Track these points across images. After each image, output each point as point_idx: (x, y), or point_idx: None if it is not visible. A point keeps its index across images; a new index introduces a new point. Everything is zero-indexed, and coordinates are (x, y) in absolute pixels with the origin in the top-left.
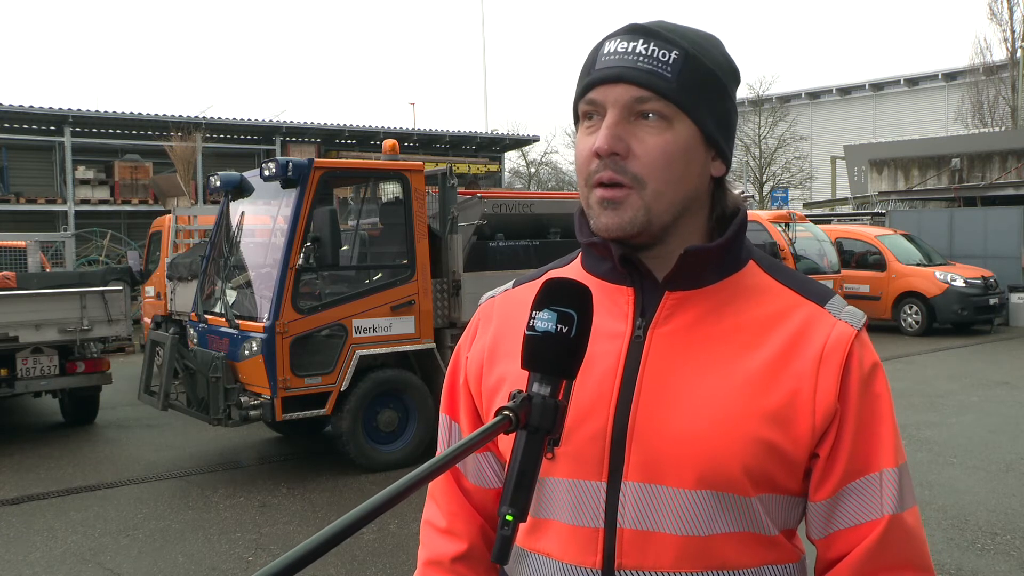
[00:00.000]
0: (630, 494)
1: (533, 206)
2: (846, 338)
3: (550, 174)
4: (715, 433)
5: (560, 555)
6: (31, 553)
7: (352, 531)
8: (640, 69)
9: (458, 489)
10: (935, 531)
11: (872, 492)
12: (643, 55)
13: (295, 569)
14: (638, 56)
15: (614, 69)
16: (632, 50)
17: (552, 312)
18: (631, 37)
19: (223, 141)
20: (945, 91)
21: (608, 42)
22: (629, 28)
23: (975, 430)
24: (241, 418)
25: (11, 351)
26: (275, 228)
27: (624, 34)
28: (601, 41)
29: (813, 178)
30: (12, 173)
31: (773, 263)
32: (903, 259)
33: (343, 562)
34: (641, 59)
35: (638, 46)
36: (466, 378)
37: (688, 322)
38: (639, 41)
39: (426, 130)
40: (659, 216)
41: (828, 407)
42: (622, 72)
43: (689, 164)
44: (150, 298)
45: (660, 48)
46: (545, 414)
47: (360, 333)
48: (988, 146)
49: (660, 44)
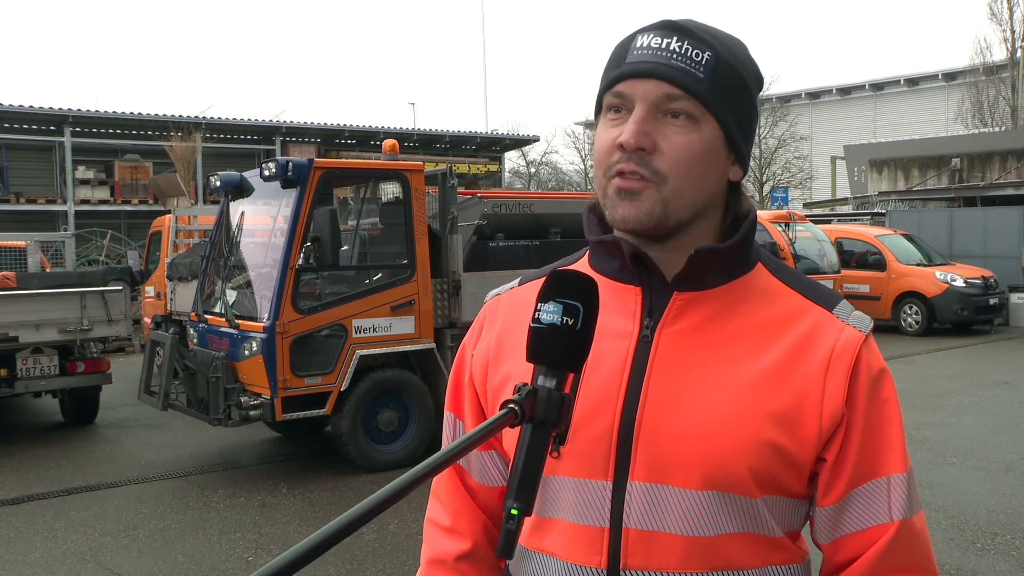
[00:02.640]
0: (636, 494)
1: (533, 206)
2: (854, 343)
3: (550, 174)
4: (721, 434)
5: (565, 555)
6: (31, 553)
7: (358, 526)
8: (673, 67)
9: (462, 487)
10: (935, 531)
11: (880, 497)
12: (677, 53)
13: (298, 566)
14: (672, 53)
15: (647, 64)
16: (666, 47)
17: (558, 304)
18: (666, 33)
19: (223, 141)
20: (945, 91)
21: (641, 36)
22: (664, 24)
23: (975, 430)
24: (241, 418)
25: (11, 351)
26: (275, 228)
27: (658, 30)
28: (633, 34)
29: (813, 178)
30: (12, 173)
31: (781, 266)
32: (903, 259)
33: (343, 562)
34: (675, 57)
35: (672, 43)
36: (471, 376)
37: (696, 323)
38: (673, 38)
39: (426, 130)
40: (676, 212)
41: (835, 411)
42: (654, 68)
43: (711, 166)
44: (150, 298)
45: (694, 47)
46: (551, 407)
47: (360, 333)
48: (988, 146)
49: (694, 43)
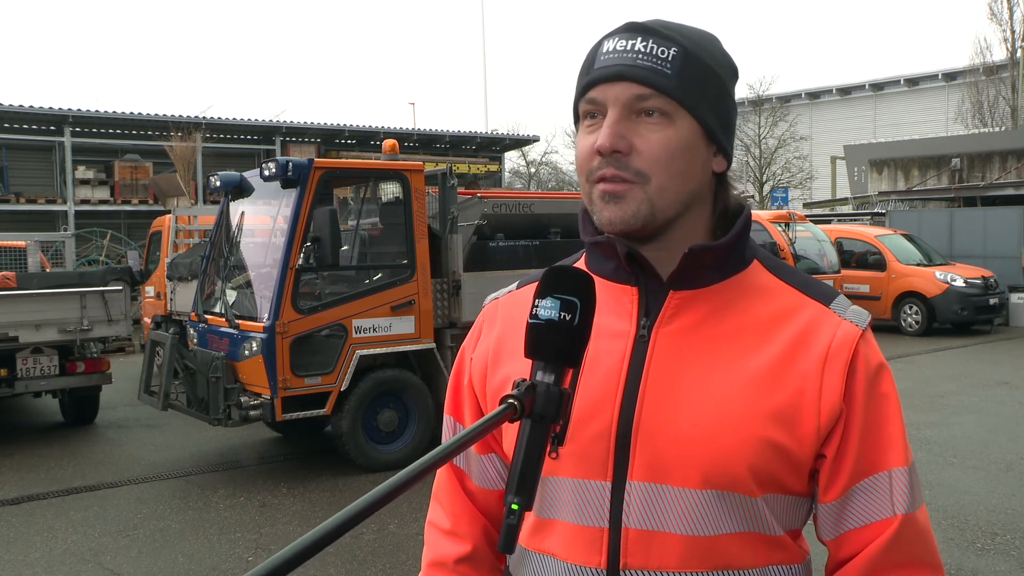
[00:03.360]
0: (635, 494)
1: (533, 206)
2: (851, 338)
3: (550, 174)
4: (720, 433)
5: (565, 555)
6: (31, 553)
7: (358, 521)
8: (640, 67)
9: (462, 491)
10: (935, 531)
11: (882, 491)
12: (642, 52)
13: (297, 563)
14: (637, 54)
15: (614, 67)
16: (631, 48)
17: (555, 300)
18: (630, 35)
19: (223, 141)
20: (945, 91)
21: (607, 41)
22: (627, 26)
23: (975, 430)
24: (241, 418)
25: (11, 351)
26: (275, 228)
27: (622, 32)
28: (599, 40)
29: (813, 178)
30: (12, 173)
31: (777, 263)
32: (903, 259)
33: (343, 562)
34: (641, 56)
35: (637, 44)
36: (470, 379)
37: (693, 321)
38: (638, 39)
39: (426, 130)
40: (663, 210)
41: (833, 407)
42: (622, 70)
43: (691, 160)
44: (150, 298)
45: (659, 45)
46: (549, 402)
47: (360, 333)
48: (988, 146)
49: (659, 41)
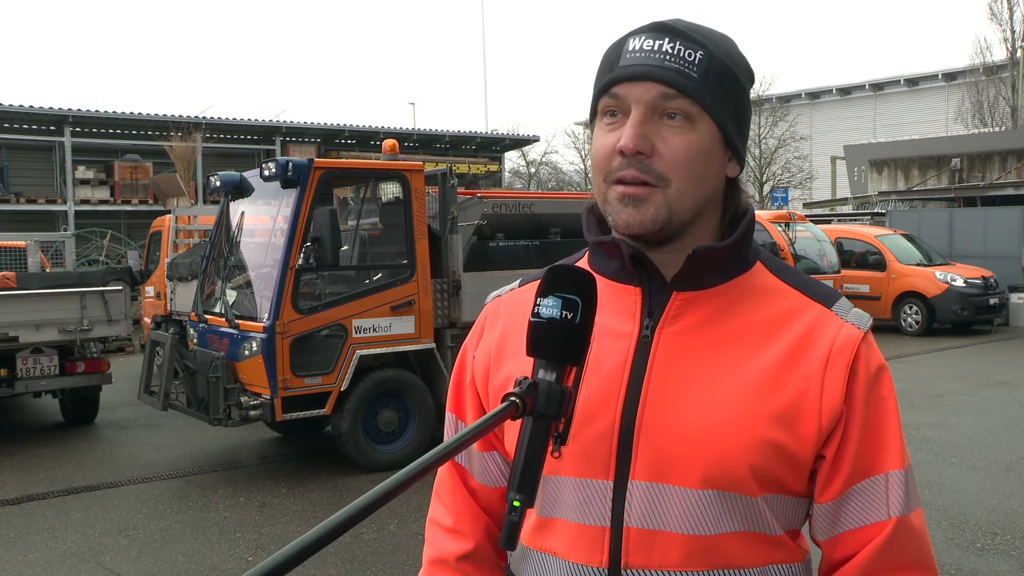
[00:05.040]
0: (637, 493)
1: (533, 206)
2: (853, 340)
3: (550, 174)
4: (722, 433)
5: (566, 554)
6: (31, 553)
7: (358, 520)
8: (667, 68)
9: (464, 488)
10: (935, 531)
11: (878, 494)
12: (670, 54)
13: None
14: (665, 55)
15: (640, 67)
16: (658, 48)
17: (557, 299)
18: (657, 35)
19: (223, 141)
20: (945, 91)
21: (632, 39)
22: (655, 26)
23: (975, 430)
24: (241, 418)
25: (11, 351)
26: (275, 228)
27: (650, 32)
28: (624, 37)
29: (813, 178)
30: (12, 173)
31: (780, 264)
32: (903, 259)
33: (343, 561)
34: (668, 58)
35: (664, 44)
36: (473, 377)
37: (696, 322)
38: (665, 40)
39: (426, 130)
40: (679, 214)
41: (834, 409)
42: (648, 70)
43: (709, 164)
44: (150, 298)
45: (686, 48)
46: (551, 399)
47: (360, 333)
48: (988, 146)
49: (686, 44)
